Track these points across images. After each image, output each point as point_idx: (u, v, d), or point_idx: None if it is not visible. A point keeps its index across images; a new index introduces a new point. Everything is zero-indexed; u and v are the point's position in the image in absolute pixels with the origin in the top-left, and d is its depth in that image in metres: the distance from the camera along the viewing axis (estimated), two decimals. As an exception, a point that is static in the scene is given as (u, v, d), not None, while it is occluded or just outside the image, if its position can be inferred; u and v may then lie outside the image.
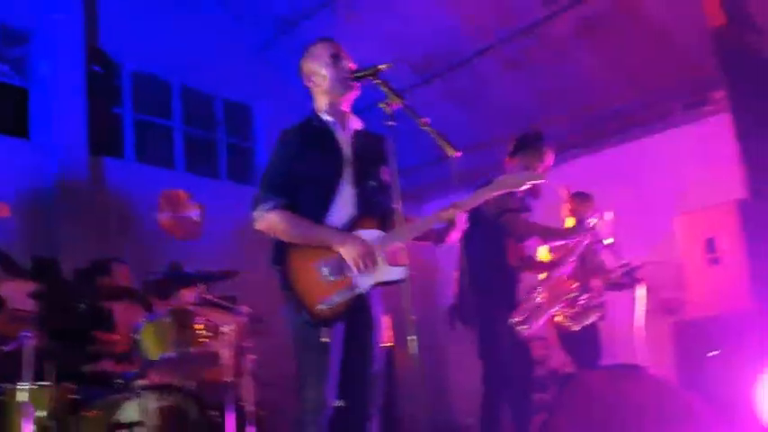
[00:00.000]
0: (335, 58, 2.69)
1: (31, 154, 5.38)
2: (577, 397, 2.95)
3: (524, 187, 2.67)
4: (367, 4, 6.10)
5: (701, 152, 5.99)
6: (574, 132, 6.86)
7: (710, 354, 3.77)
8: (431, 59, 6.58)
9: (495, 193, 2.67)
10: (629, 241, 4.94)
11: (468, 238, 3.97)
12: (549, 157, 3.98)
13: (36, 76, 5.53)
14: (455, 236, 2.63)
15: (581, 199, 4.85)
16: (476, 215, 3.88)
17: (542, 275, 4.08)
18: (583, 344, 4.44)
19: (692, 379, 4.79)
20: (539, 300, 3.67)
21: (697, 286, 4.92)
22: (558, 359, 4.99)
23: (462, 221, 2.60)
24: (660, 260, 5.71)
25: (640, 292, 4.29)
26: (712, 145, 5.72)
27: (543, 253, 4.80)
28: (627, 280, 4.46)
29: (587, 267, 4.23)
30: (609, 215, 3.99)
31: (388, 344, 5.93)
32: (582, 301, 3.85)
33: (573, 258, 3.94)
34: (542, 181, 2.68)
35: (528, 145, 4.00)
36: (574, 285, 3.75)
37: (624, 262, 4.37)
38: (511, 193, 3.81)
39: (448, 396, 7.94)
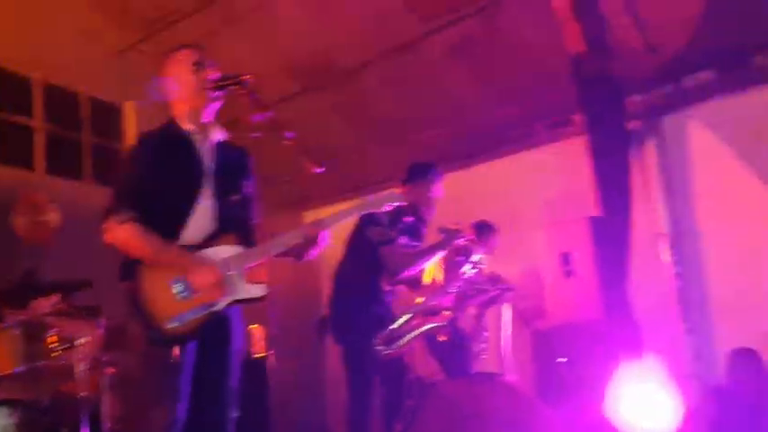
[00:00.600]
0: (198, 65, 2.63)
1: None
2: (434, 405, 3.05)
3: (386, 208, 2.74)
4: (246, 8, 6.00)
5: (562, 170, 6.37)
6: (449, 147, 7.11)
7: (559, 360, 4.00)
8: (314, 69, 6.59)
9: (359, 213, 2.73)
10: (497, 253, 5.19)
11: (350, 252, 4.03)
12: (438, 188, 4.09)
13: None
14: (314, 253, 2.65)
15: (482, 230, 4.95)
16: (360, 235, 3.95)
17: (419, 299, 4.19)
18: (452, 353, 4.57)
19: (549, 385, 5.09)
20: (406, 324, 3.76)
21: (554, 297, 5.25)
22: (428, 367, 5.09)
23: (324, 239, 2.62)
24: (523, 271, 6.04)
25: (507, 304, 4.48)
26: (572, 164, 6.11)
27: (430, 270, 4.94)
28: (497, 293, 4.64)
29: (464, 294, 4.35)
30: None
31: (261, 355, 5.88)
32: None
33: (452, 290, 4.07)
34: (402, 203, 2.76)
35: (418, 175, 4.10)
36: (446, 314, 3.84)
37: (495, 276, 4.55)
38: (394, 221, 3.90)
39: (325, 405, 7.95)
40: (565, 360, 4.05)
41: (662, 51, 5.72)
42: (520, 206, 6.54)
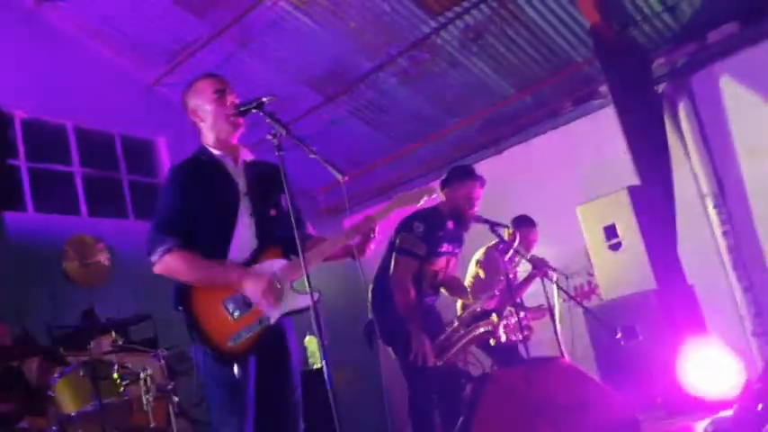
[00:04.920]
0: (220, 93, 2.68)
1: None
2: (493, 395, 3.05)
3: (422, 203, 2.75)
4: (260, 30, 6.09)
5: (594, 143, 6.28)
6: (475, 135, 7.08)
7: (617, 336, 3.93)
8: (330, 79, 6.65)
9: (399, 208, 2.74)
10: (539, 234, 5.13)
11: (389, 256, 4.02)
12: (478, 190, 4.03)
13: None
14: (371, 247, 2.68)
15: (521, 225, 4.87)
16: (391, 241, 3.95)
17: (459, 306, 4.17)
18: (504, 348, 4.48)
19: (609, 362, 5.01)
20: (454, 333, 3.75)
21: (603, 271, 5.16)
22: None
23: (377, 233, 2.66)
24: (567, 251, 5.97)
25: (555, 286, 4.40)
26: (604, 135, 6.02)
27: (471, 272, 4.93)
28: (536, 272, 4.57)
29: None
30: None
31: (317, 366, 5.94)
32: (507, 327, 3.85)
33: (497, 289, 4.05)
34: (435, 196, 2.76)
35: (456, 178, 4.05)
36: (492, 320, 3.78)
37: (538, 259, 4.48)
38: (435, 228, 3.85)
39: (392, 404, 7.97)
40: (620, 335, 3.97)
41: (681, 9, 5.60)
42: (555, 185, 6.47)
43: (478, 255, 5.02)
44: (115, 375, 3.96)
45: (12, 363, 4.17)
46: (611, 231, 4.99)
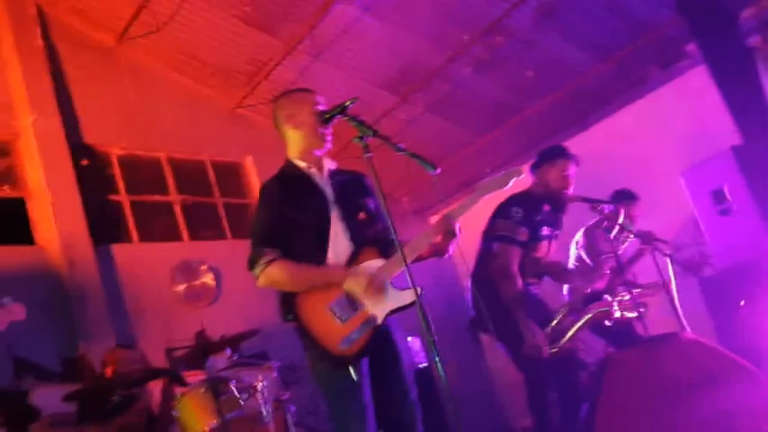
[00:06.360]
0: (316, 105, 2.73)
1: (38, 257, 5.44)
2: (616, 378, 2.92)
3: (509, 186, 2.69)
4: (331, 41, 6.15)
5: (686, 107, 5.97)
6: (558, 115, 6.88)
7: (741, 304, 3.69)
8: (404, 77, 6.63)
9: (482, 197, 2.69)
10: (641, 207, 4.90)
11: (482, 250, 3.93)
12: (570, 168, 3.88)
13: (27, 182, 5.62)
14: (453, 247, 2.65)
15: (621, 199, 4.67)
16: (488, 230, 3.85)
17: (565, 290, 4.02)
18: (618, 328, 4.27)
19: (727, 331, 4.72)
20: (565, 319, 3.62)
21: (714, 239, 4.87)
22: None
23: (458, 230, 2.62)
24: (674, 221, 5.68)
25: (666, 258, 4.17)
26: (696, 97, 5.72)
27: (573, 254, 4.78)
28: (646, 246, 4.32)
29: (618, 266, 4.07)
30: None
31: (423, 364, 5.93)
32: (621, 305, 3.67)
33: (605, 269, 3.89)
34: (522, 176, 2.69)
35: (546, 158, 3.92)
36: (603, 302, 3.62)
37: (645, 233, 4.26)
38: (532, 212, 3.74)
39: (501, 399, 7.88)
40: (743, 303, 3.72)
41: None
42: (650, 156, 6.19)
43: (577, 237, 4.86)
44: (234, 390, 4.08)
45: (133, 390, 4.36)
46: (719, 196, 4.70)
